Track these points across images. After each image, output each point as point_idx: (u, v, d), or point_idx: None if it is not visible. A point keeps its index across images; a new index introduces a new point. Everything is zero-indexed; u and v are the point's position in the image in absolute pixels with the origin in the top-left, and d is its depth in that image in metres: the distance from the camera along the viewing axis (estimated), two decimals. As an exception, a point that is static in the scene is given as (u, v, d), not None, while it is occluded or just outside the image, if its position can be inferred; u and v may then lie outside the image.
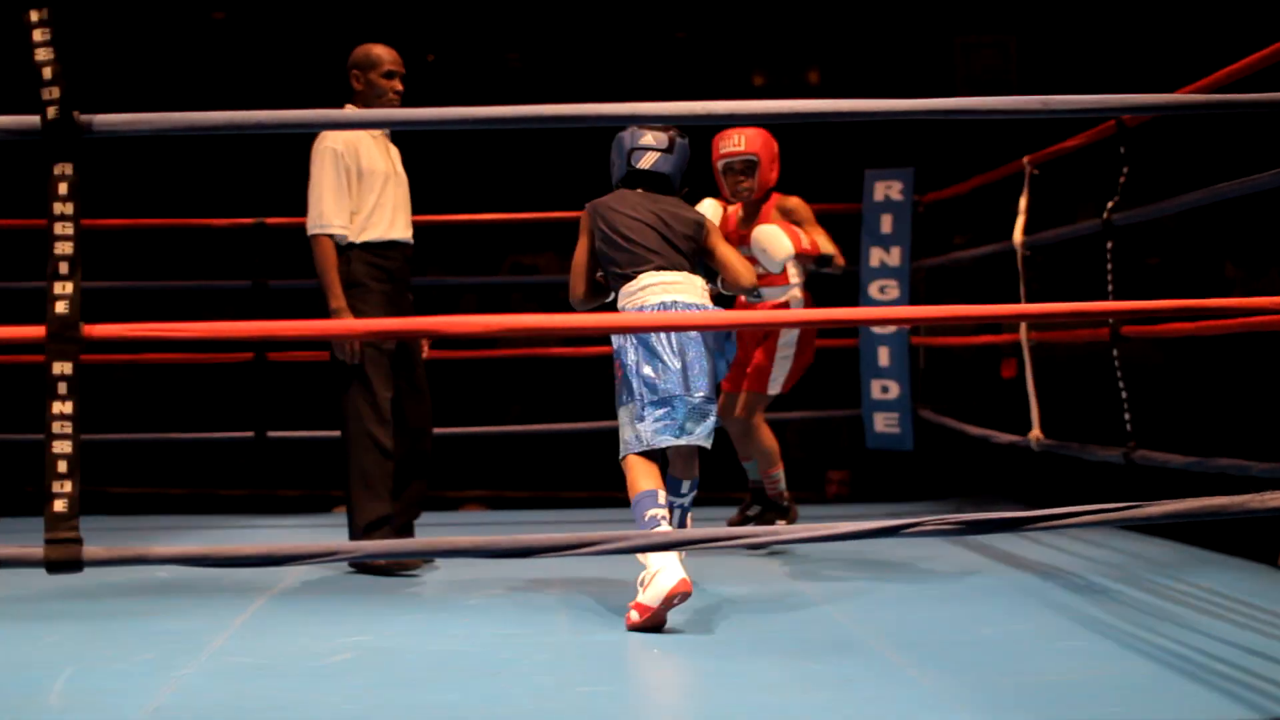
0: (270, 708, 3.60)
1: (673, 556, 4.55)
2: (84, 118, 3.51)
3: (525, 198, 8.64)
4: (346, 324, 4.09)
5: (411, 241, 5.79)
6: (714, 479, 5.80)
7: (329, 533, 6.88)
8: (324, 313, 5.55)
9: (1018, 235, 6.50)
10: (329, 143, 5.58)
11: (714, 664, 4.02)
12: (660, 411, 4.76)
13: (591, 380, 9.40)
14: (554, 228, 7.91)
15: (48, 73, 3.49)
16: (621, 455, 4.80)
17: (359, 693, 3.75)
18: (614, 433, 4.83)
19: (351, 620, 4.66)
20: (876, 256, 7.77)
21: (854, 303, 7.83)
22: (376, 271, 5.65)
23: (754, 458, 6.17)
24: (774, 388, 6.11)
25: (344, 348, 5.57)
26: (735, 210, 6.09)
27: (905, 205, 7.76)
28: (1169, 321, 5.68)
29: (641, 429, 4.76)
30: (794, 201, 6.03)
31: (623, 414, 4.84)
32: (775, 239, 5.51)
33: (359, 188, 5.62)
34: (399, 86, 5.69)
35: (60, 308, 3.45)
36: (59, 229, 3.45)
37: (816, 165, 11.12)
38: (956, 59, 12.60)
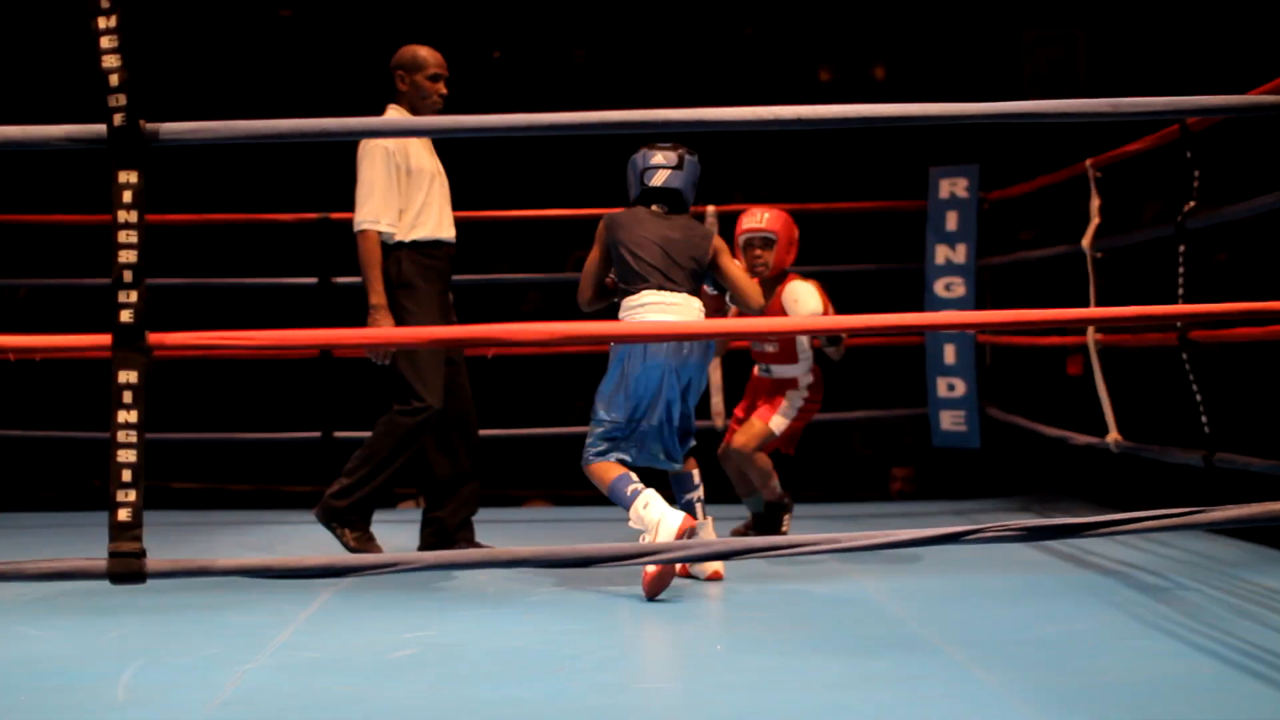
0: (335, 703, 3.62)
1: (663, 505, 4.99)
2: (150, 126, 3.53)
3: (588, 193, 8.64)
4: (411, 333, 4.09)
5: (455, 241, 5.80)
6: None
7: (393, 529, 6.90)
8: (393, 310, 5.57)
9: (1087, 239, 6.46)
10: (379, 140, 5.58)
11: (776, 661, 4.01)
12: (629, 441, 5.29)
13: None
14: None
15: (114, 80, 3.52)
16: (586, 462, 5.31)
17: (422, 689, 3.76)
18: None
19: (415, 616, 4.68)
20: (942, 254, 7.75)
21: (919, 300, 7.82)
22: (424, 270, 5.65)
23: (754, 493, 6.28)
24: (778, 427, 6.14)
25: (377, 349, 5.56)
26: None
27: (971, 202, 7.73)
28: (1238, 326, 5.64)
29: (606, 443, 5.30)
30: (806, 288, 6.13)
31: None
32: (807, 295, 6.03)
33: (408, 186, 5.62)
34: (443, 90, 5.70)
35: (125, 316, 3.48)
36: (123, 237, 3.48)
37: (882, 162, 11.09)
38: (1023, 53, 12.53)
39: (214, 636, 4.33)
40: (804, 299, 6.04)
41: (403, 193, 5.61)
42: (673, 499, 5.37)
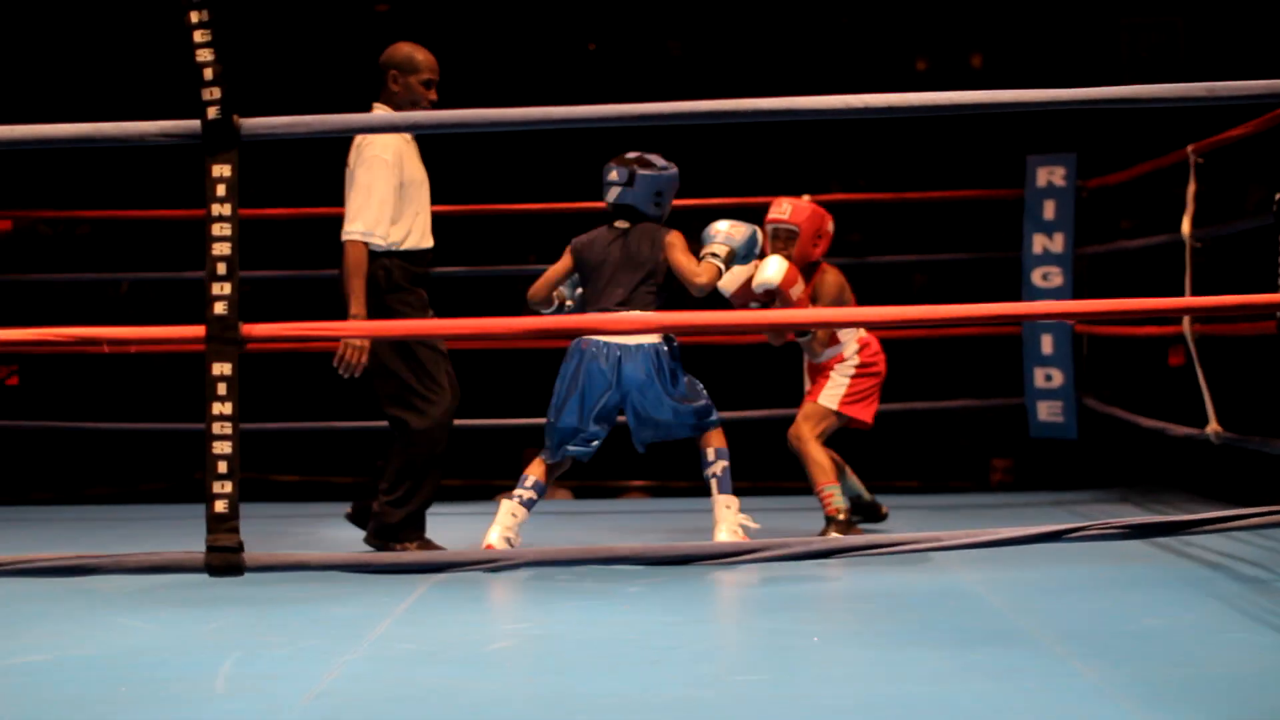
0: (431, 695, 3.62)
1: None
2: (243, 120, 3.55)
3: (686, 184, 8.63)
4: (488, 324, 4.06)
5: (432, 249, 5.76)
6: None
7: (489, 521, 6.91)
8: (489, 302, 5.57)
9: (1186, 226, 6.39)
10: (378, 151, 5.50)
11: (874, 653, 4.00)
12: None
13: (754, 369, 9.40)
14: (715, 214, 7.90)
15: (208, 74, 3.54)
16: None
17: (519, 680, 3.77)
18: (780, 421, 4.91)
19: (512, 608, 4.69)
20: (1039, 243, 7.70)
21: (1016, 290, 7.76)
22: (413, 276, 5.59)
23: (846, 480, 6.31)
24: (830, 402, 6.15)
25: (350, 357, 5.37)
26: None
27: (1068, 191, 7.67)
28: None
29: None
30: (830, 278, 6.20)
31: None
32: (769, 263, 5.92)
33: (403, 197, 5.56)
34: (434, 96, 5.64)
35: (219, 308, 3.50)
36: (217, 230, 3.50)
37: (978, 150, 11.03)
38: (1122, 41, 12.43)
39: (312, 628, 4.36)
40: (765, 265, 5.90)
41: (398, 204, 5.54)
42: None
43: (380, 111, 5.57)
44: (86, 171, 11.02)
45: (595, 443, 5.75)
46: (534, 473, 5.74)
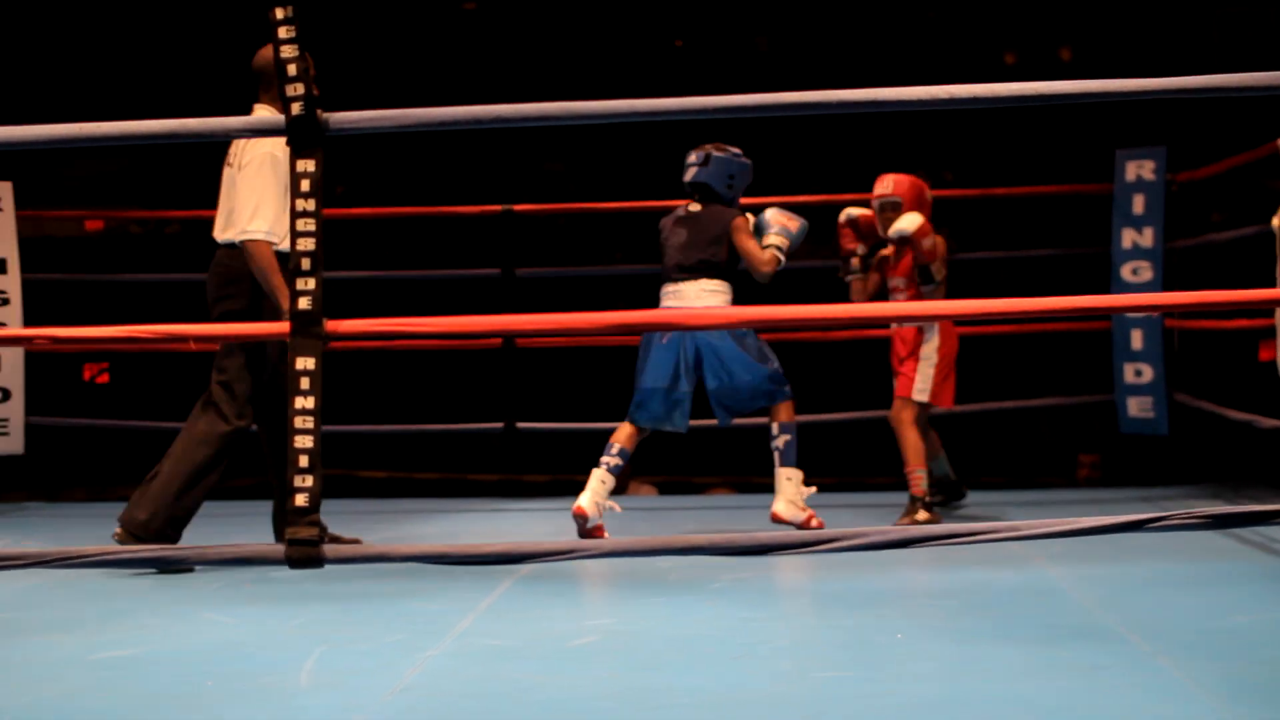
0: (515, 690, 3.63)
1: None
2: (327, 115, 3.56)
3: (773, 181, 8.61)
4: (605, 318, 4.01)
5: None
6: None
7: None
8: (574, 299, 5.55)
9: (1277, 219, 6.32)
10: (269, 148, 5.40)
11: (959, 650, 3.97)
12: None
13: (837, 367, 9.37)
14: (803, 211, 7.89)
15: (292, 70, 3.56)
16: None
17: (602, 676, 3.76)
18: (860, 423, 4.91)
19: (596, 603, 4.69)
20: (1129, 238, 7.63)
21: (1105, 286, 7.70)
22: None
23: (938, 456, 6.73)
24: (920, 395, 6.48)
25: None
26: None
27: (1158, 185, 7.60)
28: None
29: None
30: (939, 238, 6.58)
31: None
32: (909, 217, 6.45)
33: (285, 195, 5.35)
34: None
35: (303, 303, 3.52)
36: (301, 225, 3.52)
37: (1067, 145, 10.94)
38: (1215, 30, 12.30)
39: (396, 624, 4.37)
40: (903, 218, 6.43)
41: (283, 205, 5.38)
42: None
43: (264, 112, 5.49)
44: (176, 171, 11.10)
45: (679, 409, 6.07)
46: (619, 440, 6.09)
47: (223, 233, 5.55)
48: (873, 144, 11.34)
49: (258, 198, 5.43)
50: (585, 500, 5.91)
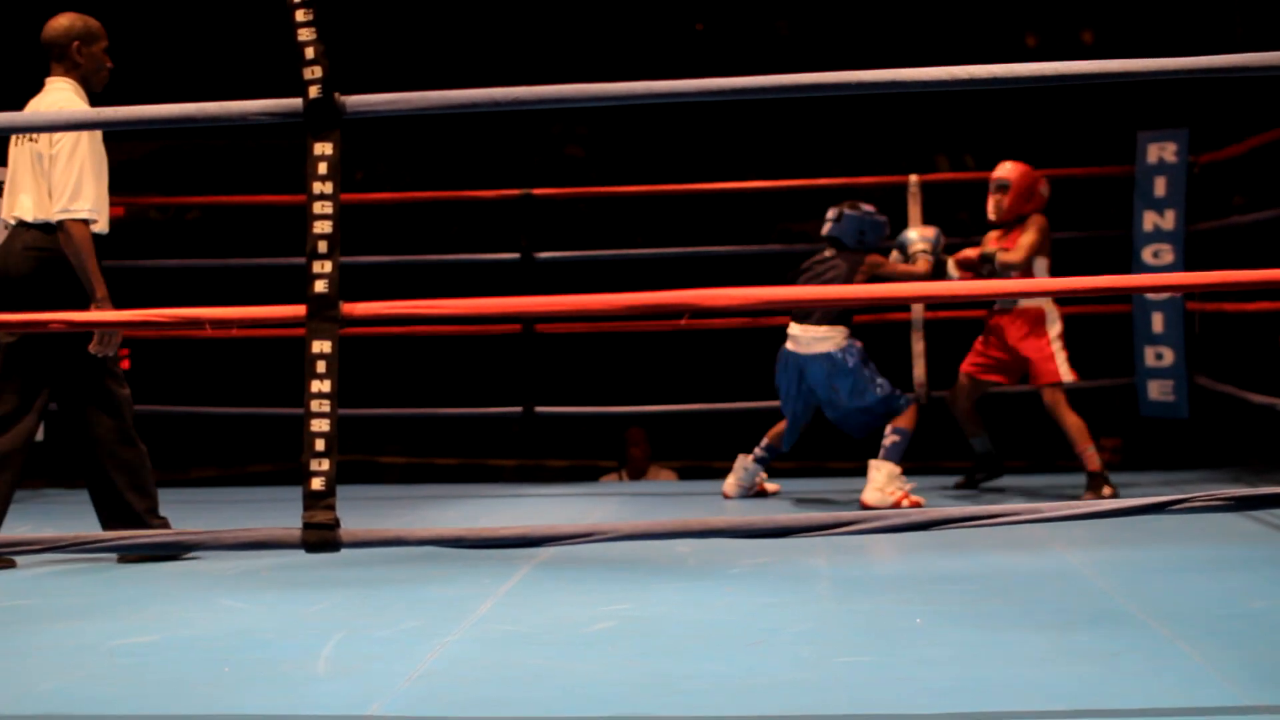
0: (533, 676, 3.62)
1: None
2: (344, 98, 3.55)
3: (795, 165, 8.60)
4: (601, 300, 4.00)
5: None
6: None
7: (594, 502, 6.93)
8: (594, 284, 5.50)
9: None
10: None
11: (978, 635, 3.96)
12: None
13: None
14: (823, 194, 7.88)
15: (310, 53, 3.55)
16: None
17: (620, 662, 3.75)
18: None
19: (614, 589, 4.68)
20: (1150, 220, 7.60)
21: (1126, 268, 7.67)
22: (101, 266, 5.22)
23: (980, 434, 7.10)
24: (1065, 375, 6.86)
25: (111, 340, 5.17)
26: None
27: (1180, 167, 7.57)
28: None
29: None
30: (1031, 226, 6.95)
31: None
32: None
33: (101, 172, 5.20)
34: (110, 63, 5.35)
35: (319, 287, 3.51)
36: (318, 208, 3.51)
37: (1088, 127, 10.90)
38: (1237, 14, 12.24)
39: (414, 610, 4.37)
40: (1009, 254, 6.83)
41: (100, 179, 5.18)
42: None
43: (60, 82, 5.26)
44: (197, 158, 11.11)
45: (791, 430, 6.90)
46: (769, 436, 7.04)
47: (34, 212, 5.23)
48: (894, 127, 11.31)
49: (75, 173, 5.12)
50: (728, 483, 7.05)
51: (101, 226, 5.21)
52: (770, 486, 7.14)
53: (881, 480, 6.55)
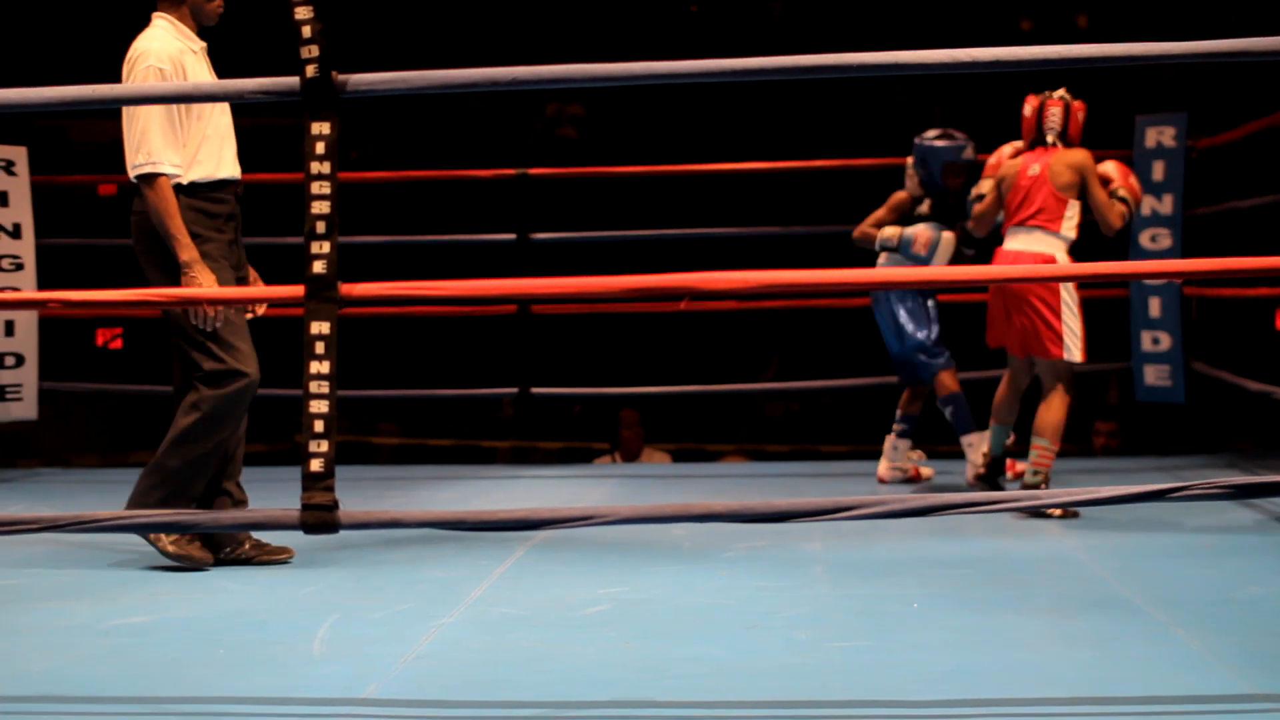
0: (528, 658, 3.62)
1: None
2: (342, 77, 3.53)
3: (792, 146, 8.58)
4: (603, 283, 3.95)
5: (241, 179, 4.85)
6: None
7: (588, 484, 6.92)
8: (590, 265, 5.45)
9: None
10: (151, 60, 4.64)
11: (974, 620, 3.95)
12: None
13: (851, 333, 9.33)
14: (820, 176, 7.87)
15: (306, 31, 3.53)
16: None
17: (615, 644, 3.75)
18: (870, 389, 4.87)
19: (609, 572, 4.67)
20: (1148, 205, 7.57)
21: (1123, 253, 7.66)
22: (207, 219, 4.71)
23: (1005, 423, 6.25)
24: (1072, 355, 6.00)
25: (197, 311, 4.62)
26: None
27: (1178, 151, 7.54)
28: None
29: None
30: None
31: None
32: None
33: (187, 117, 4.67)
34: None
35: (317, 267, 3.50)
36: (316, 188, 3.49)
37: (1086, 111, 10.88)
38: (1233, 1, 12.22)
39: (409, 592, 4.36)
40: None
41: (182, 125, 4.67)
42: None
43: (164, 19, 4.77)
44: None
45: (915, 359, 6.52)
46: (900, 407, 6.68)
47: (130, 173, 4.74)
48: (889, 111, 11.29)
49: (140, 123, 4.63)
50: (881, 467, 6.62)
51: (200, 174, 4.70)
52: (925, 471, 6.76)
53: (974, 454, 6.32)
